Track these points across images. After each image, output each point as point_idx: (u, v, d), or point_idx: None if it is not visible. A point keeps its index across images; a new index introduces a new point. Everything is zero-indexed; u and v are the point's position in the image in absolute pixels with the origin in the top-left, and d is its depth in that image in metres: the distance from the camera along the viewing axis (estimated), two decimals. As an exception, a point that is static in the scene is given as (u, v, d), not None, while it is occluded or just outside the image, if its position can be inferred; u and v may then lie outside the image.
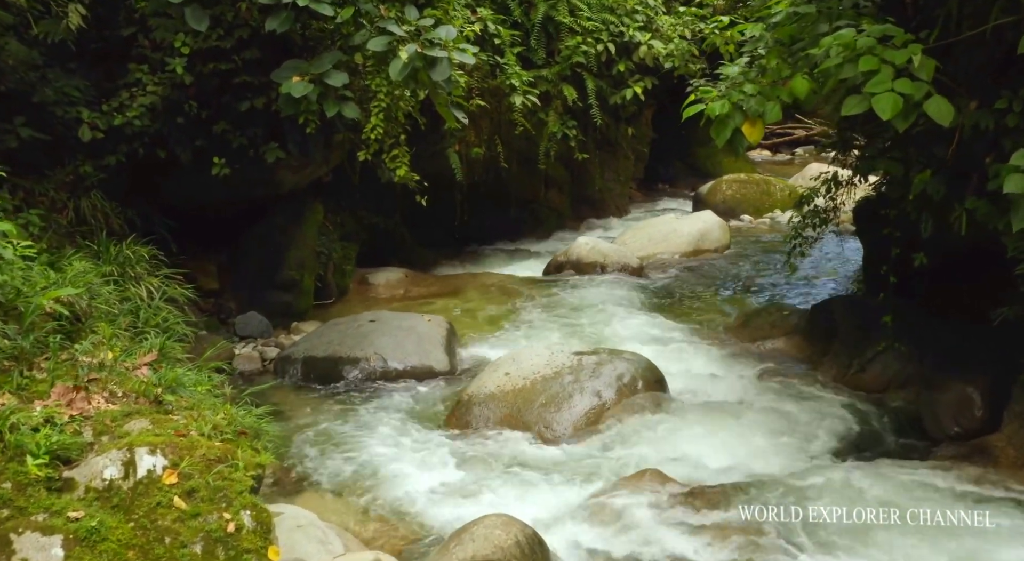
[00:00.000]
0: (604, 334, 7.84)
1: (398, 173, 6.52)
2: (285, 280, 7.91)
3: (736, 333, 8.00)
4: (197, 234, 8.24)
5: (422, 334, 7.28)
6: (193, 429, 3.84)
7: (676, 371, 6.93)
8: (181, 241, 7.77)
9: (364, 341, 7.07)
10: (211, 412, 4.11)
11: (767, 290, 9.43)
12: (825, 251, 10.92)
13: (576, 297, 9.01)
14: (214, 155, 7.11)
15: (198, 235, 8.28)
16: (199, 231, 8.23)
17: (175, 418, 3.89)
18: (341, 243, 9.26)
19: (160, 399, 4.01)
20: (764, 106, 5.02)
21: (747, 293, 9.34)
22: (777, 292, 9.36)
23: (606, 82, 11.42)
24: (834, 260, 10.58)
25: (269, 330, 7.63)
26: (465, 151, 10.18)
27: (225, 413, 4.20)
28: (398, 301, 9.22)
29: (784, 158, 22.73)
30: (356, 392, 6.69)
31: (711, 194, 13.34)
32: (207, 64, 6.86)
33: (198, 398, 4.18)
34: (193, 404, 4.16)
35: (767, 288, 9.50)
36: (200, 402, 4.16)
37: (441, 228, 10.90)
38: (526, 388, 6.19)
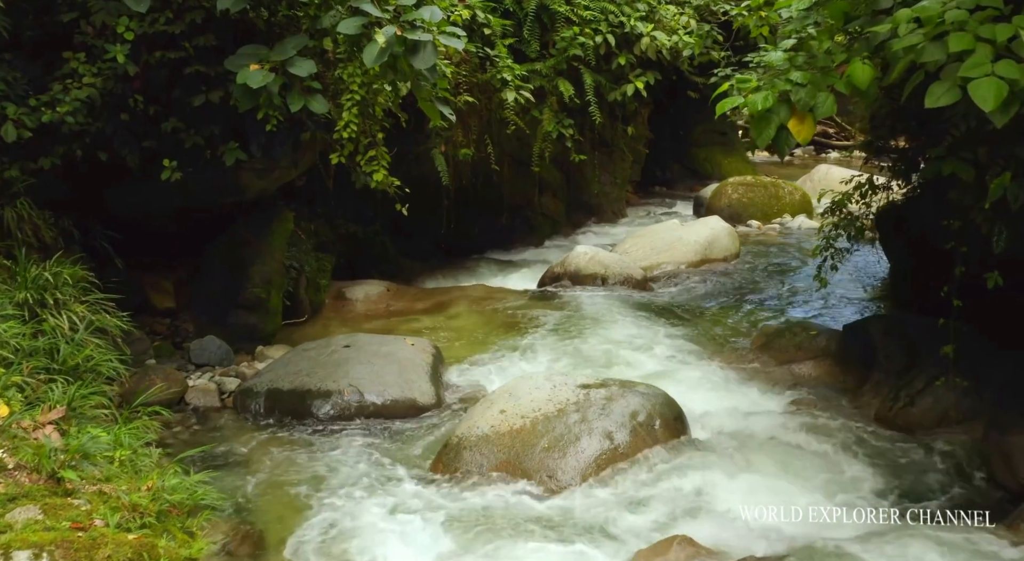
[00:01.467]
0: (609, 357, 6.95)
1: (375, 178, 5.61)
2: (249, 299, 6.98)
3: (757, 355, 7.13)
4: (151, 247, 7.33)
5: (404, 361, 6.37)
6: (100, 517, 2.93)
7: (695, 404, 6.05)
8: (132, 255, 6.87)
9: (337, 371, 6.16)
10: (130, 487, 3.20)
11: (785, 305, 8.55)
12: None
13: (576, 313, 8.11)
14: (165, 157, 6.18)
15: (152, 248, 7.37)
16: (153, 243, 7.31)
17: (76, 503, 2.99)
18: (315, 254, 8.34)
19: (59, 476, 3.09)
20: (815, 98, 4.14)
21: (764, 308, 8.46)
22: (796, 307, 8.49)
23: (605, 77, 10.53)
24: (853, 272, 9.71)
25: (229, 357, 6.70)
26: (452, 152, 9.28)
27: (150, 486, 3.29)
28: (378, 318, 8.31)
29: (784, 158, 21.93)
30: (327, 432, 5.78)
31: (716, 198, 12.47)
32: (154, 52, 5.94)
33: (112, 471, 3.26)
34: (107, 476, 3.25)
35: (785, 303, 8.63)
36: (116, 474, 3.24)
37: (426, 237, 10.00)
38: (525, 429, 5.29)
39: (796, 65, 4.30)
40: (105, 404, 4.14)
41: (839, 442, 5.52)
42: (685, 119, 16.20)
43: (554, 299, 8.66)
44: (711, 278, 9.49)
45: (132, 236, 6.86)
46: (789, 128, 4.24)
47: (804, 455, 5.39)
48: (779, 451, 5.43)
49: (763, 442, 5.55)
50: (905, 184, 6.91)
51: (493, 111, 9.62)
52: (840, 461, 5.34)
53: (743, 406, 6.20)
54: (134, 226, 6.96)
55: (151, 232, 7.19)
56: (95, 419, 3.86)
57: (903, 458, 5.37)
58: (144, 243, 7.16)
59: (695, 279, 9.46)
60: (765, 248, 10.81)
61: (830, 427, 5.73)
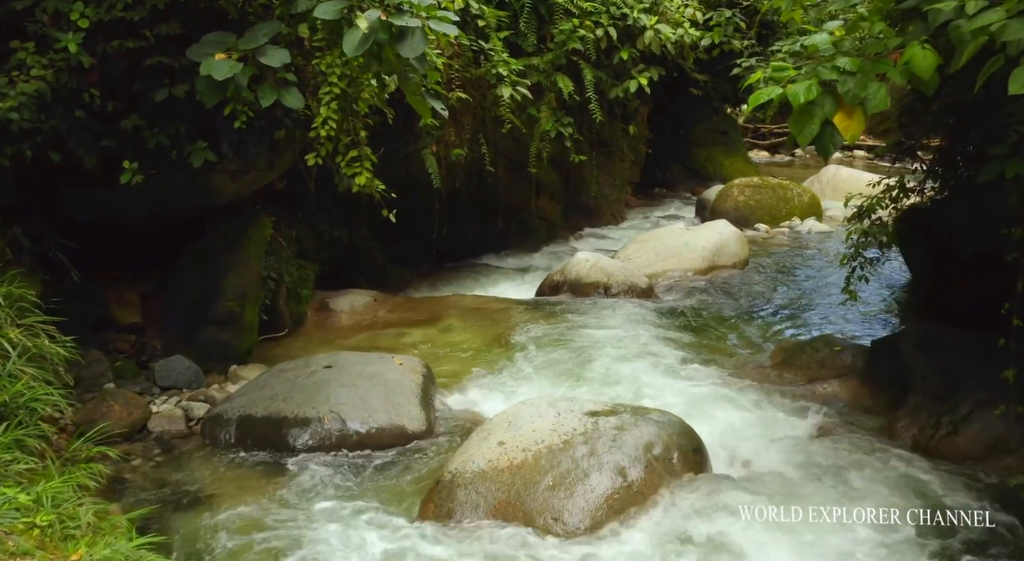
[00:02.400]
0: (616, 376, 6.36)
1: (357, 181, 5.00)
2: (221, 314, 6.36)
3: (777, 373, 6.56)
4: (115, 256, 6.72)
5: (391, 383, 5.77)
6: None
7: (713, 430, 5.47)
8: (93, 265, 6.26)
9: (317, 395, 5.55)
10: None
11: (801, 316, 7.97)
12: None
13: (578, 326, 7.52)
14: (126, 158, 5.57)
15: (116, 257, 6.76)
16: (117, 253, 6.70)
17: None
18: (296, 263, 7.73)
19: (-47, 556, 2.49)
20: (866, 89, 3.56)
21: (779, 319, 7.88)
22: (813, 318, 7.90)
23: (605, 73, 9.94)
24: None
25: (199, 378, 6.08)
26: (444, 153, 8.69)
27: (76, 560, 2.69)
28: (365, 331, 7.71)
29: (784, 159, 21.41)
30: (305, 465, 5.16)
31: (721, 200, 11.88)
32: (111, 41, 5.32)
33: (27, 545, 2.65)
34: (22, 551, 2.64)
35: (801, 313, 8.05)
36: (31, 550, 2.64)
37: (416, 242, 9.39)
38: (527, 464, 4.69)
39: (843, 50, 3.72)
40: (38, 448, 3.52)
41: (880, 477, 4.93)
42: (686, 118, 15.64)
43: (554, 310, 8.07)
44: (720, 286, 8.90)
45: (93, 245, 6.25)
46: (835, 124, 3.66)
47: (842, 495, 4.77)
48: (811, 488, 4.83)
49: (793, 478, 4.96)
50: (941, 187, 6.34)
51: (487, 109, 9.03)
52: (882, 498, 4.73)
53: (766, 432, 5.63)
54: (95, 234, 6.36)
55: (114, 240, 6.57)
56: (16, 475, 3.23)
57: (949, 495, 4.78)
58: (107, 252, 6.56)
59: (703, 287, 8.88)
60: (775, 254, 10.24)
61: (865, 459, 5.13)
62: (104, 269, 6.67)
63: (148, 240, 6.84)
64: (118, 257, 6.80)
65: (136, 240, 6.79)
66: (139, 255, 6.84)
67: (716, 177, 15.39)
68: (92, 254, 6.31)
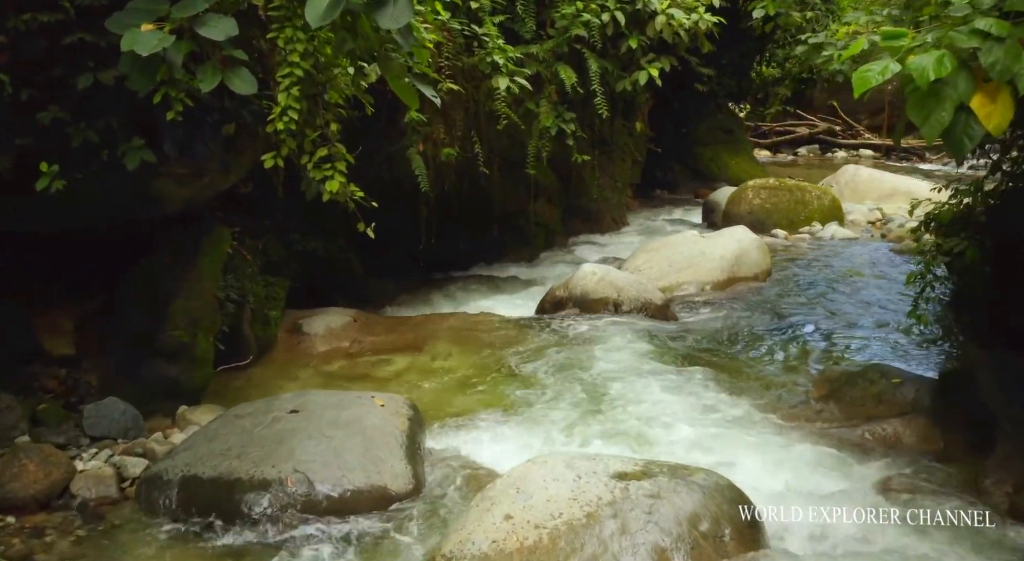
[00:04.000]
0: (639, 418, 5.37)
1: (328, 187, 4.00)
2: (168, 345, 5.32)
3: (824, 410, 5.59)
4: (51, 273, 5.70)
5: (371, 431, 4.75)
6: None
7: (764, 489, 4.49)
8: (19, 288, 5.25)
9: (279, 449, 4.53)
10: None
11: (840, 338, 6.98)
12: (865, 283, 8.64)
13: (588, 352, 6.53)
14: (45, 159, 4.54)
15: (52, 275, 5.73)
16: (54, 269, 5.67)
17: None
18: (263, 279, 6.72)
19: None
20: (1019, 62, 2.57)
21: (814, 342, 6.91)
22: (854, 342, 6.91)
23: (611, 63, 8.94)
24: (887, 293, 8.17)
25: (138, 426, 5.03)
26: (432, 152, 7.68)
27: None
28: (342, 358, 6.70)
29: (786, 159, 20.51)
30: (263, 540, 4.14)
31: (735, 203, 10.90)
32: (22, 15, 4.30)
33: None
34: None
35: (838, 335, 7.06)
36: None
37: (401, 252, 8.40)
38: (541, 546, 3.69)
39: (982, 9, 2.73)
40: None
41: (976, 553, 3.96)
42: (688, 115, 14.69)
43: (558, 331, 7.07)
44: (743, 302, 7.93)
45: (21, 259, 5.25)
46: (973, 109, 2.67)
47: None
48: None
49: (872, 553, 3.99)
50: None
51: (481, 103, 8.04)
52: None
53: (822, 487, 4.65)
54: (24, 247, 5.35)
55: (49, 254, 5.56)
56: None
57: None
58: (37, 272, 5.55)
59: (724, 303, 7.90)
60: (798, 264, 9.27)
61: (957, 532, 4.16)
62: (41, 292, 5.66)
63: (91, 255, 5.81)
64: (53, 275, 5.77)
65: (77, 254, 5.76)
66: (76, 276, 5.81)
67: (721, 178, 14.49)
68: (17, 275, 5.31)
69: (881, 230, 10.56)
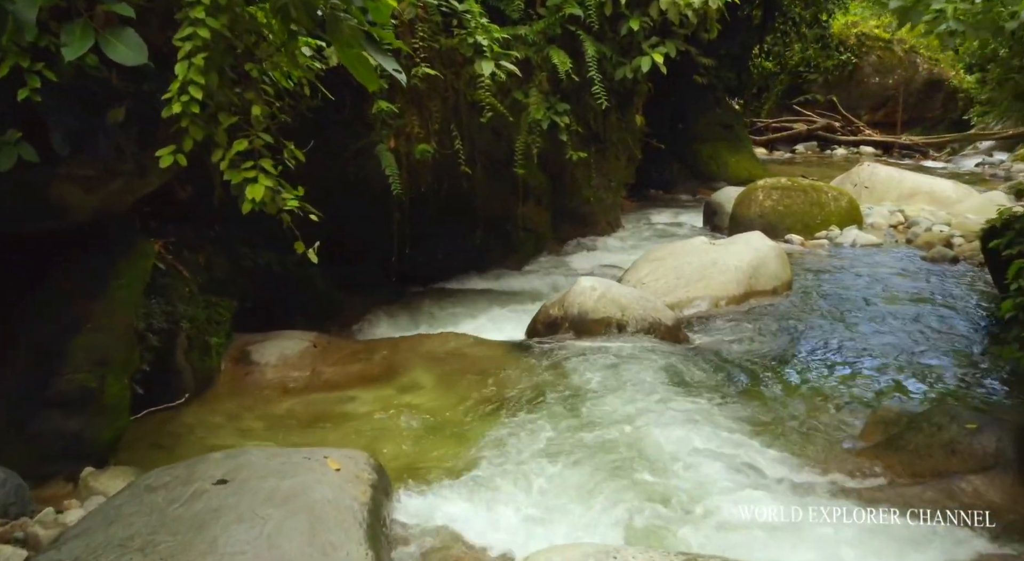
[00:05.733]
0: (665, 481, 4.30)
1: (250, 193, 2.93)
2: (67, 391, 4.21)
3: (880, 463, 4.59)
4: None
5: (320, 506, 3.67)
6: None
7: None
8: None
9: (198, 538, 3.44)
10: None
11: (885, 368, 5.96)
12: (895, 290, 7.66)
13: (591, 387, 5.48)
14: None
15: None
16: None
17: None
18: (204, 300, 5.65)
19: None
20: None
21: (855, 374, 5.88)
22: (902, 372, 5.89)
23: (609, 47, 7.90)
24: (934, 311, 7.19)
25: (22, 500, 3.92)
26: (406, 149, 6.63)
27: None
28: (296, 395, 5.64)
29: (783, 156, 19.56)
30: None
31: (744, 205, 9.88)
32: None
33: None
34: None
35: (882, 364, 6.04)
36: None
37: (371, 263, 7.35)
38: None
39: None
40: None
41: None
42: (686, 109, 13.70)
43: (553, 359, 6.01)
44: (763, 321, 6.91)
45: None
46: None
47: None
48: None
49: None
50: None
51: (461, 92, 6.98)
52: None
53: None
54: None
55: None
56: None
57: None
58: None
59: (742, 322, 6.88)
60: (821, 274, 8.26)
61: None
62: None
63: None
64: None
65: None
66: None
67: (720, 177, 13.52)
68: None
69: (906, 235, 9.57)
